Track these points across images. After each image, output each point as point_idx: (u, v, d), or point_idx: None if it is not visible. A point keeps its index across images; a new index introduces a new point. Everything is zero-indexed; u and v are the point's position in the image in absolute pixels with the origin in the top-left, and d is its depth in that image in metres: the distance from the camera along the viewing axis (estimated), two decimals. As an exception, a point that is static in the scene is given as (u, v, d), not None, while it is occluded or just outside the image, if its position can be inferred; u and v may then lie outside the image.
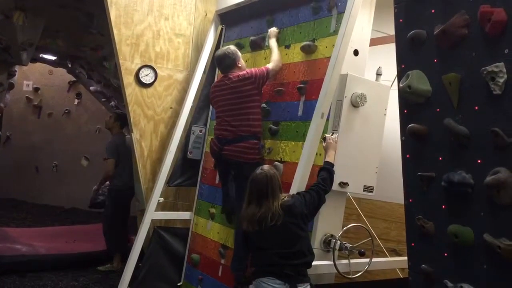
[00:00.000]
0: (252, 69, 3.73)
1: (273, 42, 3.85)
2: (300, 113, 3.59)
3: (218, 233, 4.21)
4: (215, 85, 4.00)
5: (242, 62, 3.88)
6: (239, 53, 3.89)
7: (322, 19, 3.59)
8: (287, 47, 3.86)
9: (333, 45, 3.29)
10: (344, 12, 3.28)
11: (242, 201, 3.09)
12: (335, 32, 3.38)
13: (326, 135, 3.20)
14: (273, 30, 3.93)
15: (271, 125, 3.80)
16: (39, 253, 5.34)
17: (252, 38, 4.19)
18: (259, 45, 4.14)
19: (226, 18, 4.70)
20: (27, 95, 9.40)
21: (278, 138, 3.74)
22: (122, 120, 5.62)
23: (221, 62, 3.87)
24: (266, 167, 2.99)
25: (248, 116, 3.64)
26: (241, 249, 3.39)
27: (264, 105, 3.86)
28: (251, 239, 2.91)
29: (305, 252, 2.80)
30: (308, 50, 3.60)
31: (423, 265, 2.50)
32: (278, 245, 2.78)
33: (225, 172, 3.92)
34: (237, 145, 3.62)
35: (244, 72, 3.72)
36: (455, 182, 2.28)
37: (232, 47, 3.91)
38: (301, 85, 3.59)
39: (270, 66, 3.71)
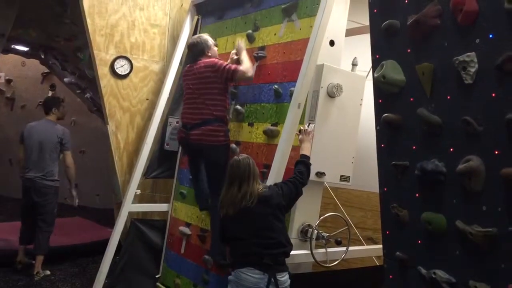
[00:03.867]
0: (220, 61, 3.72)
1: (244, 56, 3.75)
2: None
3: None
4: (185, 73, 4.00)
5: (213, 51, 3.87)
6: (211, 42, 3.86)
7: (284, 103, 3.51)
8: (251, 124, 3.78)
9: (296, 133, 3.20)
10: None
11: (215, 187, 3.05)
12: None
13: (302, 127, 3.21)
14: (240, 44, 3.84)
15: None
16: (16, 248, 5.24)
17: None
18: None
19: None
20: (-1, 87, 9.20)
21: None
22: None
23: (191, 49, 3.92)
24: (244, 155, 2.97)
25: (210, 102, 3.65)
26: (220, 236, 3.37)
27: None
28: (228, 227, 2.90)
29: (283, 243, 2.80)
30: (270, 134, 3.55)
31: (398, 252, 2.54)
32: (255, 235, 2.77)
33: (195, 162, 3.93)
34: (202, 129, 3.63)
35: (211, 60, 3.73)
36: (428, 170, 2.32)
37: (204, 36, 3.89)
38: (264, 169, 3.48)
39: (239, 67, 3.63)
